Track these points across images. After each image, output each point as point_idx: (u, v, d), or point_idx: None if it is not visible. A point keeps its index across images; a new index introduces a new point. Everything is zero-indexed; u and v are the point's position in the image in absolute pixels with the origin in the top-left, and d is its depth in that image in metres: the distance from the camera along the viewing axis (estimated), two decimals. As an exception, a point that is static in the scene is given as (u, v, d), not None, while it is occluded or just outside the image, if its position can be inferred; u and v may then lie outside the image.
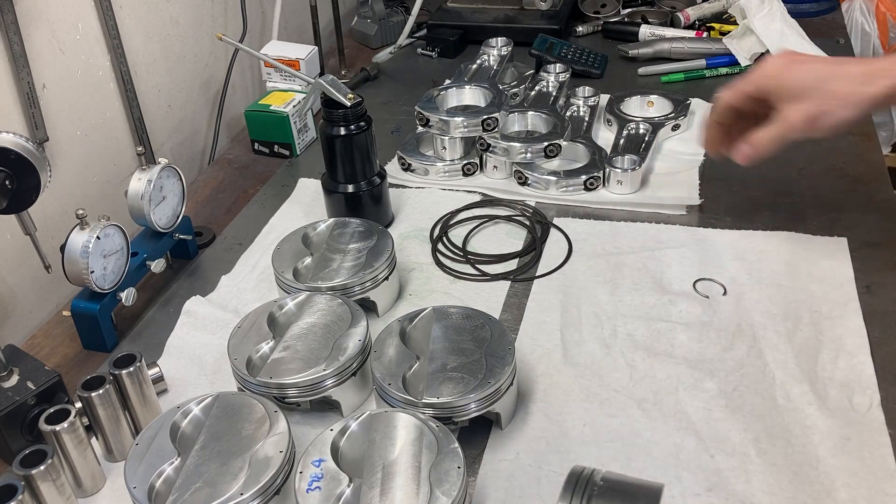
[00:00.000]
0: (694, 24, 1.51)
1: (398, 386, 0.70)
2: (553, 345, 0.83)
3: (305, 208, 1.09)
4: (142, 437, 0.67)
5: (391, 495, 0.60)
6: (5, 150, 0.72)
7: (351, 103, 0.94)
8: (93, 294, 0.85)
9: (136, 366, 0.73)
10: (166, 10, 1.19)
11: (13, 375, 0.74)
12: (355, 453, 0.64)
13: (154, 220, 0.91)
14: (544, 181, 1.06)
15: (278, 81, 1.29)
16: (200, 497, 0.61)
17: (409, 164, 1.13)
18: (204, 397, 0.70)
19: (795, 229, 0.96)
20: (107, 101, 1.08)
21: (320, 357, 0.74)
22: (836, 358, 0.78)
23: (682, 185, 1.06)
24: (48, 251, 0.83)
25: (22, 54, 0.92)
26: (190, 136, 1.29)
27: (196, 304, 0.92)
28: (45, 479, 0.64)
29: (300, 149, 1.23)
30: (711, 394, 0.75)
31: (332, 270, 0.86)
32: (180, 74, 1.24)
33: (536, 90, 1.22)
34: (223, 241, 1.05)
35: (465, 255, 0.97)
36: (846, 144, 1.12)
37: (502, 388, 0.71)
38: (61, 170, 1.01)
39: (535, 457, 0.71)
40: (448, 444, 0.63)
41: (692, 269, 0.91)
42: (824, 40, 1.37)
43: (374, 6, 1.59)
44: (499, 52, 1.28)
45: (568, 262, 0.95)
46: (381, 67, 1.47)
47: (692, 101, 1.21)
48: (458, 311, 0.78)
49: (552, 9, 1.53)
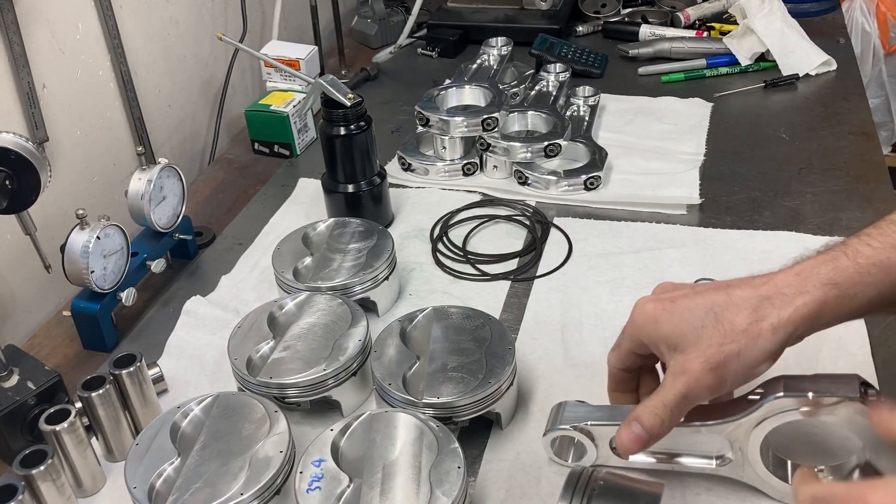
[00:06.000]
0: (694, 23, 1.51)
1: (398, 386, 0.70)
2: (553, 345, 0.83)
3: (305, 208, 1.09)
4: (142, 437, 0.67)
5: (391, 495, 0.60)
6: (5, 150, 0.72)
7: (351, 103, 0.94)
8: (93, 294, 0.85)
9: (136, 366, 0.73)
10: (166, 10, 1.19)
11: (13, 375, 0.74)
12: (355, 453, 0.64)
13: (154, 220, 0.91)
14: (544, 181, 1.06)
15: (278, 81, 1.29)
16: (200, 497, 0.61)
17: (410, 163, 1.13)
18: (204, 397, 0.70)
19: (795, 229, 0.96)
20: (107, 101, 1.08)
21: (320, 357, 0.74)
22: (836, 358, 0.77)
23: (683, 184, 1.06)
24: (48, 251, 0.83)
25: (22, 54, 0.92)
26: (190, 136, 1.29)
27: (196, 304, 0.92)
28: (45, 479, 0.64)
29: (300, 149, 1.23)
30: (712, 394, 0.75)
31: (332, 270, 0.86)
32: (180, 74, 1.24)
33: (536, 90, 1.22)
34: (223, 241, 1.05)
35: (466, 255, 0.97)
36: (846, 144, 1.12)
37: (502, 388, 0.71)
38: (61, 170, 1.01)
39: (535, 457, 0.71)
40: (448, 444, 0.63)
41: (692, 268, 0.91)
42: (824, 40, 1.37)
43: (374, 6, 1.58)
44: (499, 52, 1.28)
45: (568, 261, 0.95)
46: (381, 67, 1.46)
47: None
48: (458, 311, 0.77)
49: (552, 8, 1.53)
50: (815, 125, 1.18)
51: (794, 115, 1.23)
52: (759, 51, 1.35)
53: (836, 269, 0.55)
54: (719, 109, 1.25)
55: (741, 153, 1.13)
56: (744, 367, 0.56)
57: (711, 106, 1.25)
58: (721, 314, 0.57)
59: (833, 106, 1.24)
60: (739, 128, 1.21)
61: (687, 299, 0.59)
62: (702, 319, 0.57)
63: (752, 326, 0.56)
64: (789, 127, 1.19)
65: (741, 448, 0.63)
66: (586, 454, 0.68)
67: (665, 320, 0.59)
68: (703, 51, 1.39)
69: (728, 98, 1.28)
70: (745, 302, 0.57)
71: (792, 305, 0.55)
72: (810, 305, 0.55)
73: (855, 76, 1.33)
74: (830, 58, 1.33)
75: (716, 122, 1.21)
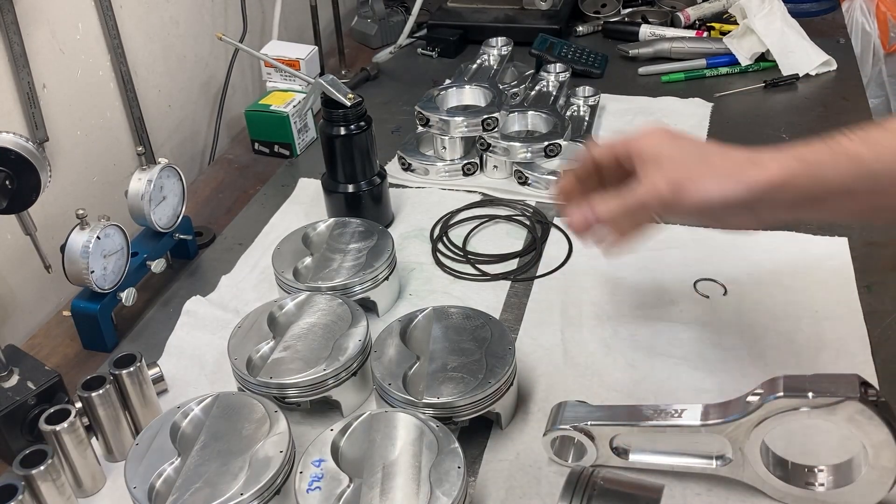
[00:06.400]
0: (694, 23, 1.51)
1: (398, 386, 0.70)
2: (553, 345, 0.83)
3: (305, 208, 1.09)
4: (142, 437, 0.67)
5: (391, 495, 0.60)
6: (5, 150, 0.72)
7: (351, 103, 0.94)
8: (93, 294, 0.85)
9: (136, 366, 0.73)
10: (166, 10, 1.19)
11: (13, 375, 0.74)
12: (355, 453, 0.64)
13: (154, 220, 0.91)
14: (544, 181, 1.06)
15: (278, 81, 1.29)
16: (200, 497, 0.61)
17: (410, 163, 1.13)
18: (204, 397, 0.70)
19: (795, 229, 0.96)
20: (107, 101, 1.08)
21: (320, 357, 0.74)
22: (836, 358, 0.78)
23: (683, 184, 1.06)
24: (48, 251, 0.83)
25: (22, 54, 0.92)
26: (190, 136, 1.29)
27: (196, 304, 0.92)
28: (45, 479, 0.64)
29: (300, 149, 1.23)
30: (712, 394, 0.75)
31: (332, 270, 0.86)
32: (180, 74, 1.24)
33: (536, 90, 1.22)
34: (223, 241, 1.05)
35: (466, 255, 0.97)
36: (846, 144, 1.12)
37: (502, 388, 0.71)
38: (61, 170, 1.01)
39: (535, 457, 0.71)
40: (448, 444, 0.63)
41: (693, 269, 0.91)
42: (824, 40, 1.37)
43: (374, 6, 1.58)
44: (499, 52, 1.28)
45: (568, 261, 0.95)
46: (381, 67, 1.46)
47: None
48: (458, 311, 0.78)
49: (552, 8, 1.53)
50: (815, 125, 1.18)
51: (794, 115, 1.23)
52: (759, 51, 1.35)
53: (811, 149, 0.61)
54: (719, 109, 1.25)
55: (741, 153, 1.12)
56: (701, 198, 0.61)
57: (711, 106, 1.25)
58: (707, 156, 0.63)
59: (833, 106, 1.24)
60: (739, 128, 1.21)
61: (688, 140, 0.65)
62: (690, 153, 0.64)
63: (725, 170, 0.61)
64: (789, 127, 1.19)
65: (741, 448, 0.63)
66: (586, 454, 0.68)
67: (660, 143, 0.65)
68: (703, 51, 1.39)
69: (728, 98, 1.28)
70: (731, 153, 0.63)
71: (765, 168, 0.60)
72: (780, 173, 0.60)
73: (855, 76, 1.33)
74: (830, 58, 1.33)
75: (716, 122, 1.22)
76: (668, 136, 0.65)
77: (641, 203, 0.63)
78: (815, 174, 0.60)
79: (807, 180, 0.60)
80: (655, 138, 0.65)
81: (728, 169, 0.61)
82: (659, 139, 0.65)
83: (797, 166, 0.60)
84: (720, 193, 0.61)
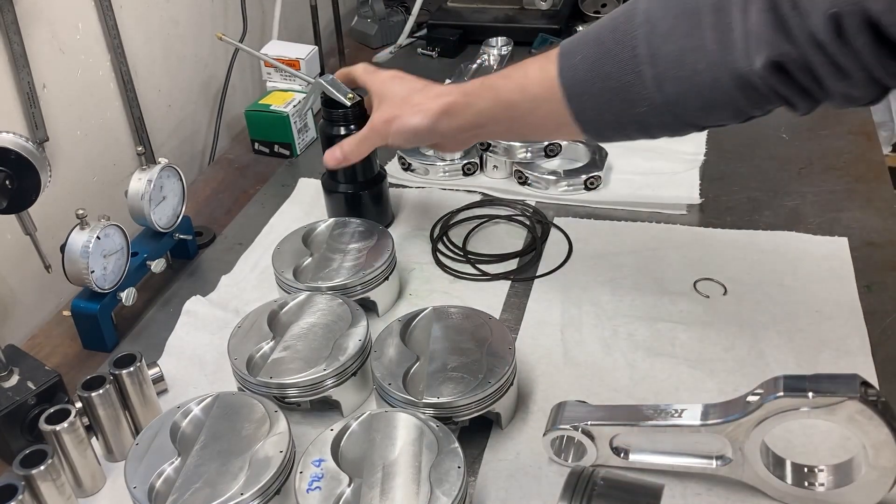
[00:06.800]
0: (694, 23, 1.50)
1: (398, 386, 0.70)
2: (553, 345, 0.83)
3: (305, 208, 1.09)
4: (142, 437, 0.67)
5: (391, 495, 0.60)
6: (5, 150, 0.72)
7: (351, 103, 0.94)
8: (93, 294, 0.85)
9: (136, 366, 0.73)
10: (166, 10, 1.19)
11: (13, 375, 0.74)
12: (355, 453, 0.64)
13: (154, 220, 0.91)
14: (544, 181, 1.06)
15: (278, 81, 1.29)
16: (200, 497, 0.61)
17: (410, 163, 1.13)
18: (204, 397, 0.70)
19: (795, 229, 0.96)
20: (107, 101, 1.08)
21: (320, 357, 0.74)
22: (836, 358, 0.78)
23: (683, 184, 1.06)
24: (48, 251, 0.83)
25: (22, 54, 0.92)
26: (190, 136, 1.29)
27: (196, 304, 0.92)
28: (45, 479, 0.64)
29: (300, 149, 1.23)
30: (712, 394, 0.75)
31: (332, 270, 0.86)
32: (180, 74, 1.24)
33: (536, 90, 1.22)
34: (223, 241, 1.05)
35: (466, 255, 0.97)
36: (846, 144, 1.12)
37: (502, 388, 0.71)
38: (61, 170, 1.01)
39: (535, 457, 0.71)
40: (448, 444, 0.63)
41: (692, 268, 0.91)
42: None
43: (374, 6, 1.58)
44: (499, 52, 1.28)
45: (568, 261, 0.95)
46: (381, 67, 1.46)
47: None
48: (458, 310, 0.78)
49: (552, 8, 1.53)
50: (815, 125, 1.18)
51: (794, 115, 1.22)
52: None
53: (471, 84, 0.78)
54: (719, 109, 1.25)
55: (741, 153, 1.12)
56: (403, 129, 0.81)
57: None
58: (411, 95, 0.81)
59: (833, 106, 1.23)
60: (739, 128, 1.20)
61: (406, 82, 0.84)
62: (401, 94, 0.82)
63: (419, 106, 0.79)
64: (789, 127, 1.18)
65: (741, 448, 0.63)
66: (586, 454, 0.68)
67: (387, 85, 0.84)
68: (703, 51, 1.38)
69: (728, 98, 1.28)
70: (429, 91, 0.81)
71: (438, 100, 0.78)
72: (445, 102, 0.78)
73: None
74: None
75: (716, 122, 1.21)
76: (394, 77, 0.85)
77: (366, 137, 0.85)
78: (469, 103, 0.77)
79: (464, 108, 0.77)
80: (385, 79, 0.85)
81: (421, 105, 0.79)
82: (389, 80, 0.84)
83: (458, 98, 0.77)
84: (413, 124, 0.79)
